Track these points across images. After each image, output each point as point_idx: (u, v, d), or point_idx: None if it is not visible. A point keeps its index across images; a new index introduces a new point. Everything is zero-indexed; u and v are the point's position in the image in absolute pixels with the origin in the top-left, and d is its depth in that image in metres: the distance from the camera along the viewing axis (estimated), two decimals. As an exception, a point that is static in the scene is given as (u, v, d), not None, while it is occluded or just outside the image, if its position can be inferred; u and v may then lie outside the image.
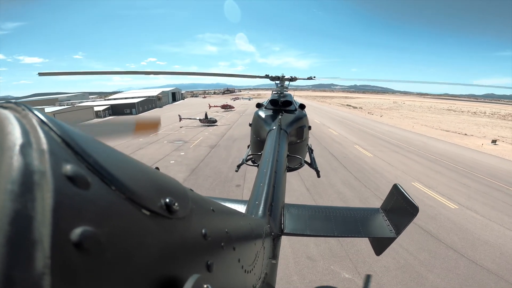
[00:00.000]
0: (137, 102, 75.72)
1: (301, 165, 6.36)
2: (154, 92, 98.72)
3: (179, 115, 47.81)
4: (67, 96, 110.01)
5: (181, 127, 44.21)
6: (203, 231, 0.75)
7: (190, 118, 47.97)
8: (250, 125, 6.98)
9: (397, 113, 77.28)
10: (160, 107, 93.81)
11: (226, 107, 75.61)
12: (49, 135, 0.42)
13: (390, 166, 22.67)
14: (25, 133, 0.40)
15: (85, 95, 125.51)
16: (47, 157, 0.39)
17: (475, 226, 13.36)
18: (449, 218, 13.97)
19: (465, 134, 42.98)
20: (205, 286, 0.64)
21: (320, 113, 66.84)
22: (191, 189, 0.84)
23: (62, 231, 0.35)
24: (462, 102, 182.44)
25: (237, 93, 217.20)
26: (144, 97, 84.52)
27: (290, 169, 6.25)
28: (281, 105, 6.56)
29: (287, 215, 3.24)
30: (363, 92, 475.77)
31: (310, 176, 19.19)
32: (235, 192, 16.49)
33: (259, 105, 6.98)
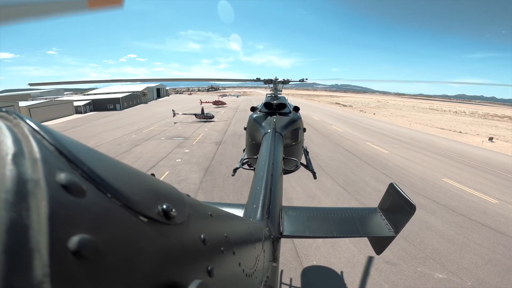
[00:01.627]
0: (122, 97, 70.83)
1: (297, 167, 6.24)
2: (138, 88, 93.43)
3: (173, 110, 44.98)
4: (40, 92, 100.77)
5: (175, 122, 41.53)
6: (202, 236, 0.73)
7: (185, 114, 45.24)
8: (245, 128, 6.95)
9: (387, 111, 78.76)
10: (145, 103, 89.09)
11: (218, 103, 73.44)
12: (42, 143, 0.42)
13: (411, 163, 21.90)
14: (17, 142, 0.39)
15: (59, 91, 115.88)
16: (40, 166, 0.38)
17: (526, 219, 13.33)
18: (499, 213, 13.84)
19: (460, 132, 44.07)
20: None
21: (315, 111, 66.34)
22: (187, 195, 0.81)
23: (60, 239, 0.35)
24: (438, 102, 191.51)
25: (222, 90, 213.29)
26: (129, 92, 79.44)
27: (287, 172, 6.12)
28: (275, 108, 6.53)
29: (285, 218, 3.22)
30: (345, 91, 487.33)
31: (340, 175, 17.86)
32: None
33: (253, 109, 6.95)
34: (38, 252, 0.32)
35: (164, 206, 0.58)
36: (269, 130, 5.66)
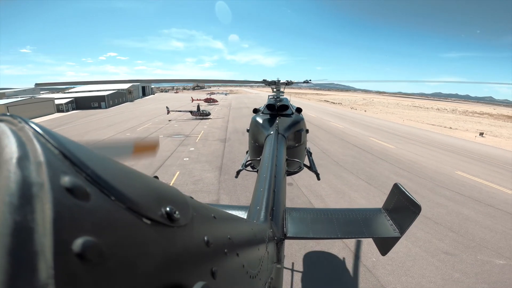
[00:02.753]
0: (107, 95, 67.47)
1: (300, 169, 6.23)
2: (123, 86, 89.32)
3: (167, 107, 43.38)
4: (15, 91, 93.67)
5: (170, 120, 39.93)
6: (206, 238, 0.74)
7: (180, 111, 43.70)
8: (247, 130, 6.92)
9: (375, 108, 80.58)
10: (131, 101, 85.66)
11: (209, 100, 72.11)
12: (46, 147, 0.42)
13: (421, 157, 22.10)
14: (21, 145, 0.40)
15: (36, 90, 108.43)
16: (44, 169, 0.39)
17: (547, 208, 13.76)
18: (520, 202, 14.17)
19: (450, 128, 45.69)
20: None
21: (309, 108, 66.63)
22: (191, 197, 0.82)
23: (64, 241, 0.35)
24: (417, 99, 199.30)
25: (208, 89, 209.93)
26: (115, 89, 75.69)
27: (290, 173, 6.16)
28: (277, 109, 6.51)
29: (289, 219, 3.21)
30: (329, 90, 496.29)
31: (359, 170, 17.57)
32: (292, 192, 13.91)
33: (256, 110, 6.91)
34: (42, 254, 0.32)
35: (168, 209, 0.58)
36: (272, 132, 5.64)
